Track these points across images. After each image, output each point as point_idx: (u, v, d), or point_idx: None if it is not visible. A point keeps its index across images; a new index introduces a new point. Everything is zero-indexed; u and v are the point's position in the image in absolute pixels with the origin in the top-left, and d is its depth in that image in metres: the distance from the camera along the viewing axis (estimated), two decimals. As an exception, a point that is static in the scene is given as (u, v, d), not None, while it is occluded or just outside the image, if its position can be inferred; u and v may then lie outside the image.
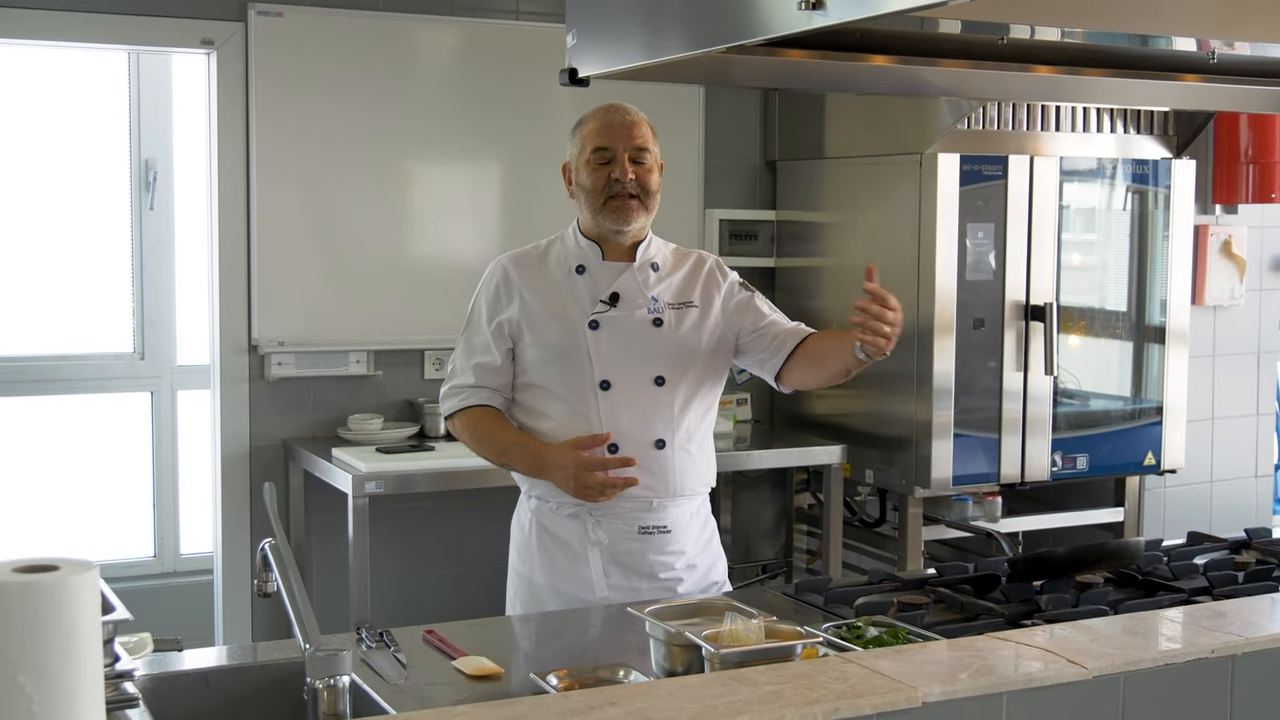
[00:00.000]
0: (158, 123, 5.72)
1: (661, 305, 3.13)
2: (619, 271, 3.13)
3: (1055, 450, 4.90)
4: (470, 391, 3.13)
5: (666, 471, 3.07)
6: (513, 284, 3.14)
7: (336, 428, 4.84)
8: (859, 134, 5.10)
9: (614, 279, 3.12)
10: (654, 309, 3.12)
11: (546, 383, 3.10)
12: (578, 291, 3.12)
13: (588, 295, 3.11)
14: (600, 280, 3.12)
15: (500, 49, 5.03)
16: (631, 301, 3.11)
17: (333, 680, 1.99)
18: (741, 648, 2.20)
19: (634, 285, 3.12)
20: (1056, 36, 2.89)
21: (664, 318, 3.12)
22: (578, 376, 3.06)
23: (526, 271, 3.15)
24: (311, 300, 4.83)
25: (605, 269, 3.13)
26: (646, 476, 3.03)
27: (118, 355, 5.77)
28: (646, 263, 3.15)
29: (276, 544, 2.18)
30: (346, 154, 4.85)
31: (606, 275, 3.13)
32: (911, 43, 2.92)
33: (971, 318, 4.72)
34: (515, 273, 3.15)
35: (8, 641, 1.61)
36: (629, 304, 3.10)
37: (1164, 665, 2.19)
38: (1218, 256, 5.59)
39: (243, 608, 4.86)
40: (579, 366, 3.06)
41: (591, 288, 3.12)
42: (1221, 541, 3.43)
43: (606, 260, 3.14)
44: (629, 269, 3.13)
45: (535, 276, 3.15)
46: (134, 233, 5.74)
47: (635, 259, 3.14)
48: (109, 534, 5.76)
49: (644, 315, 3.11)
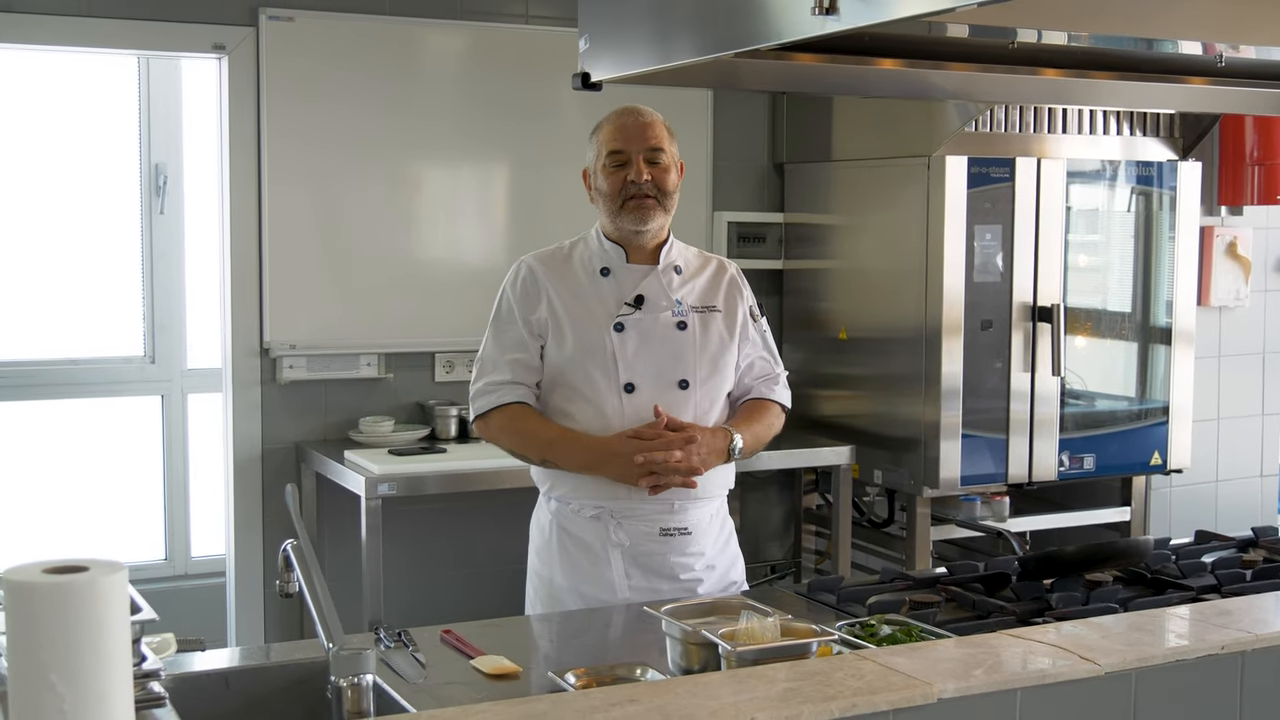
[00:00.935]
0: (168, 127, 5.74)
1: (685, 308, 3.14)
2: (643, 274, 3.14)
3: (1062, 450, 4.93)
4: (506, 389, 3.11)
5: None
6: (540, 284, 3.14)
7: (348, 430, 4.86)
8: (867, 137, 5.13)
9: (638, 281, 3.13)
10: (678, 312, 3.13)
11: (570, 385, 3.10)
12: (602, 293, 3.13)
13: (612, 297, 3.12)
14: (624, 282, 3.14)
15: (510, 53, 5.06)
16: (656, 304, 3.12)
17: (357, 679, 2.01)
18: (758, 646, 2.23)
19: (658, 288, 3.14)
20: (1064, 40, 2.92)
21: (688, 320, 3.14)
22: (602, 379, 3.07)
23: (552, 272, 3.16)
24: (323, 303, 4.86)
25: (629, 271, 3.15)
26: None
27: (128, 359, 5.79)
28: (670, 265, 3.17)
29: (299, 544, 2.20)
30: (357, 157, 4.88)
31: (631, 278, 3.14)
32: (920, 46, 2.94)
33: (979, 319, 4.75)
34: (541, 272, 3.15)
35: (40, 642, 1.64)
36: (653, 306, 3.12)
37: (1175, 662, 2.22)
38: (1223, 258, 5.61)
39: (255, 610, 4.89)
40: (604, 369, 3.07)
41: (616, 290, 3.13)
42: (1229, 540, 3.46)
43: (630, 263, 3.15)
44: (653, 271, 3.15)
45: (561, 278, 3.15)
46: (144, 237, 5.76)
47: (659, 262, 3.16)
48: (120, 537, 5.77)
49: (668, 318, 3.12)
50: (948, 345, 4.70)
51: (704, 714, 1.90)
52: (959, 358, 4.72)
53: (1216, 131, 5.43)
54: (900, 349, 4.87)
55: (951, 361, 4.71)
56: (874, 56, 2.94)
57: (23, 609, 1.64)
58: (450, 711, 1.90)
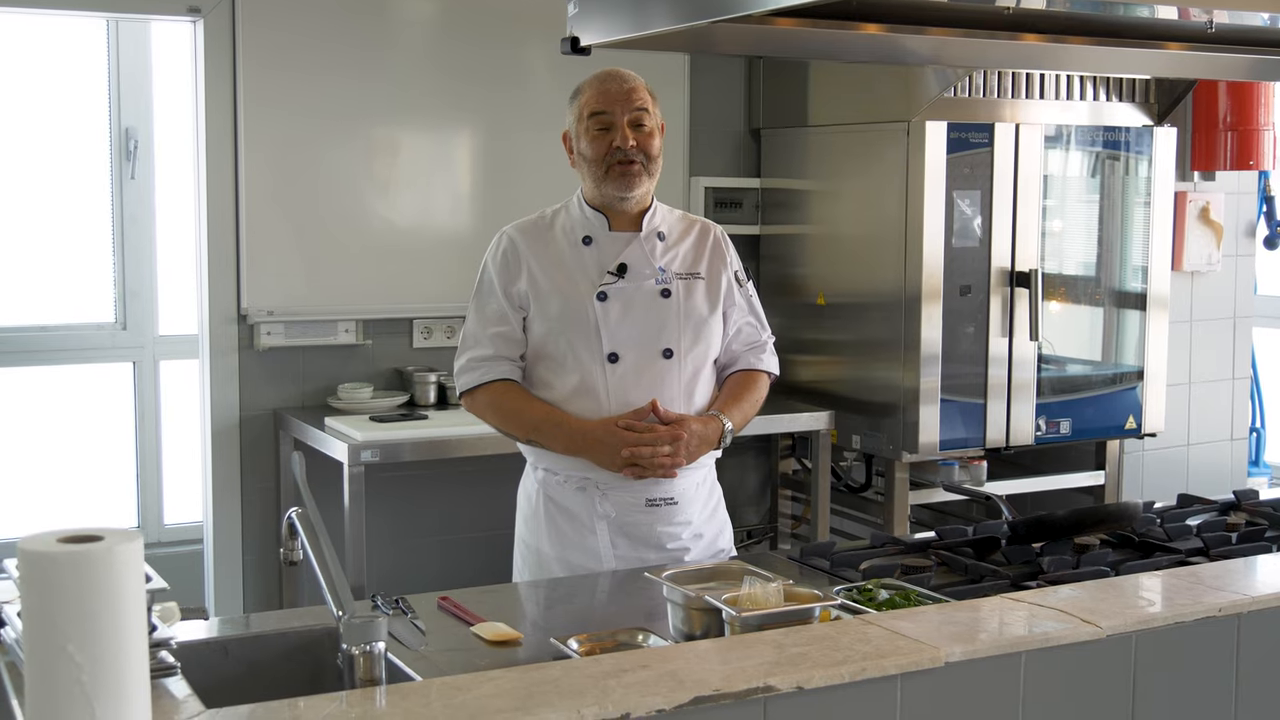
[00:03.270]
0: (138, 91, 5.68)
1: (669, 275, 3.11)
2: (626, 242, 3.11)
3: (1039, 415, 4.96)
4: (489, 365, 3.09)
5: None
6: (520, 254, 3.11)
7: (326, 397, 4.84)
8: (844, 102, 5.12)
9: (621, 249, 3.10)
10: (662, 279, 3.10)
11: (553, 355, 3.07)
12: (584, 262, 3.10)
13: (595, 266, 3.09)
14: (607, 251, 3.10)
15: (487, 18, 5.02)
16: (639, 272, 3.09)
17: (369, 646, 2.00)
18: (762, 610, 2.24)
19: (641, 255, 3.10)
20: (1042, 5, 2.92)
21: (672, 288, 3.11)
22: (585, 349, 3.04)
23: (533, 242, 3.13)
24: (300, 270, 4.82)
25: (612, 239, 3.11)
26: None
27: (99, 326, 5.74)
28: (653, 232, 3.14)
29: (304, 512, 2.19)
30: (334, 123, 4.83)
31: (613, 246, 3.11)
32: (900, 11, 2.94)
33: (958, 285, 4.76)
34: (522, 243, 3.12)
35: (57, 611, 1.63)
36: (636, 274, 3.09)
37: (1174, 624, 2.25)
38: (1196, 223, 5.65)
39: (234, 577, 4.87)
40: (587, 339, 3.04)
41: (598, 258, 3.10)
42: (1211, 503, 3.49)
43: (613, 230, 3.12)
44: (636, 239, 3.12)
45: (542, 247, 3.12)
46: (114, 202, 5.70)
47: (642, 229, 3.13)
48: (92, 505, 5.74)
49: (652, 286, 3.09)
50: (927, 310, 4.71)
51: (716, 678, 1.91)
52: (938, 323, 4.73)
53: (1190, 98, 5.45)
54: (879, 314, 4.88)
55: (931, 327, 4.72)
56: (854, 21, 2.94)
57: (40, 579, 1.63)
58: (466, 678, 1.90)
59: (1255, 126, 5.40)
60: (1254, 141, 5.41)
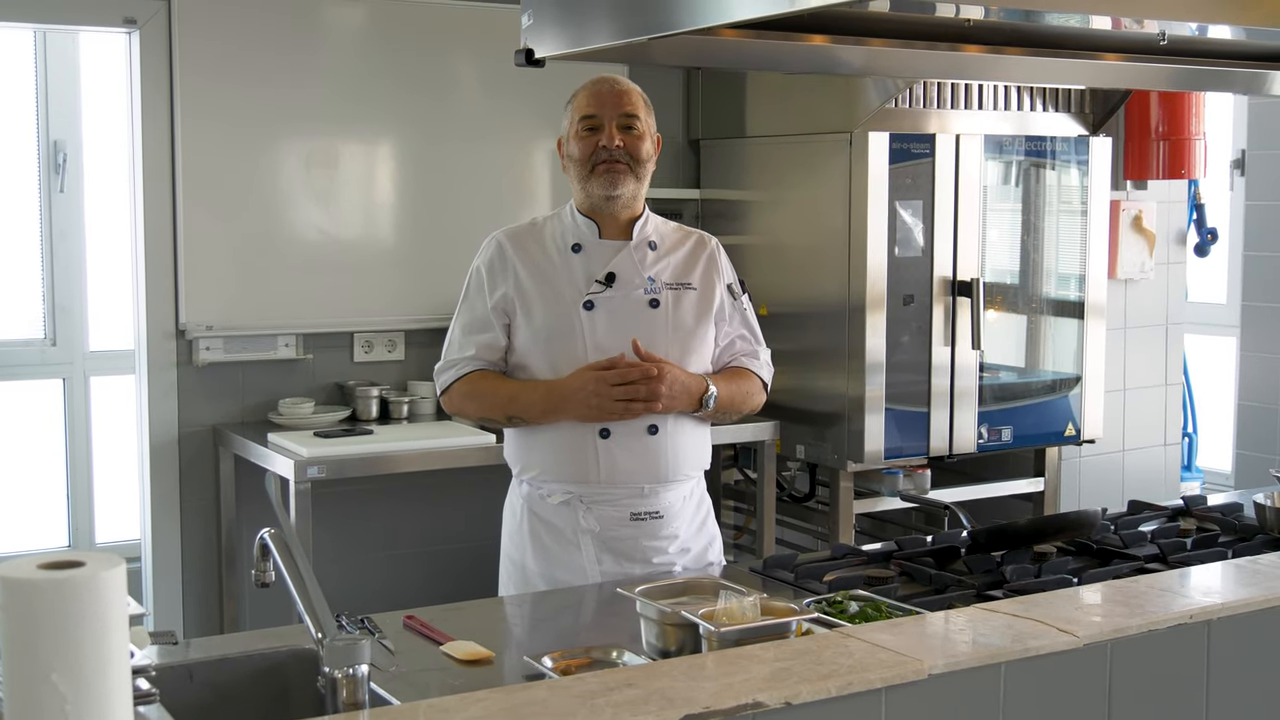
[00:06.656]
0: (67, 103, 5.59)
1: (658, 285, 3.08)
2: (615, 250, 3.07)
3: (981, 423, 5.00)
4: (466, 362, 3.07)
5: (660, 457, 3.04)
6: (508, 260, 3.07)
7: (266, 412, 4.77)
8: (785, 113, 5.14)
9: (610, 258, 3.07)
10: (650, 289, 3.06)
11: (537, 364, 3.04)
12: (573, 270, 3.06)
13: (583, 274, 3.05)
14: (596, 259, 3.07)
15: (425, 30, 4.98)
16: (628, 281, 3.06)
17: (352, 670, 1.96)
18: (739, 625, 2.22)
19: (630, 265, 3.07)
20: (980, 15, 2.93)
21: (660, 298, 3.07)
22: (570, 359, 3.00)
23: (522, 248, 3.09)
24: (239, 284, 4.75)
25: (601, 247, 3.08)
26: (639, 463, 3.01)
27: (28, 342, 5.64)
28: (644, 241, 3.10)
29: (278, 532, 2.15)
30: (273, 134, 4.77)
31: (603, 254, 3.07)
32: (841, 22, 2.93)
33: (901, 294, 4.78)
34: (511, 249, 3.09)
35: (40, 640, 1.58)
36: (625, 284, 3.05)
37: (1147, 631, 2.26)
38: (1129, 231, 5.72)
39: (174, 596, 4.78)
40: (571, 348, 3.01)
41: (587, 266, 3.06)
42: (1161, 510, 3.53)
43: (603, 238, 3.08)
44: (625, 247, 3.08)
45: (530, 254, 3.08)
46: (43, 216, 5.61)
47: (632, 237, 3.10)
48: (21, 523, 5.63)
49: (640, 296, 3.06)
50: (870, 320, 4.73)
51: (705, 696, 1.90)
52: (882, 332, 4.75)
53: (1124, 108, 5.52)
54: (822, 324, 4.90)
55: (874, 336, 4.74)
56: (794, 32, 2.93)
57: (22, 607, 1.58)
58: (452, 700, 1.87)
59: (1187, 136, 5.48)
60: (1185, 151, 5.49)
